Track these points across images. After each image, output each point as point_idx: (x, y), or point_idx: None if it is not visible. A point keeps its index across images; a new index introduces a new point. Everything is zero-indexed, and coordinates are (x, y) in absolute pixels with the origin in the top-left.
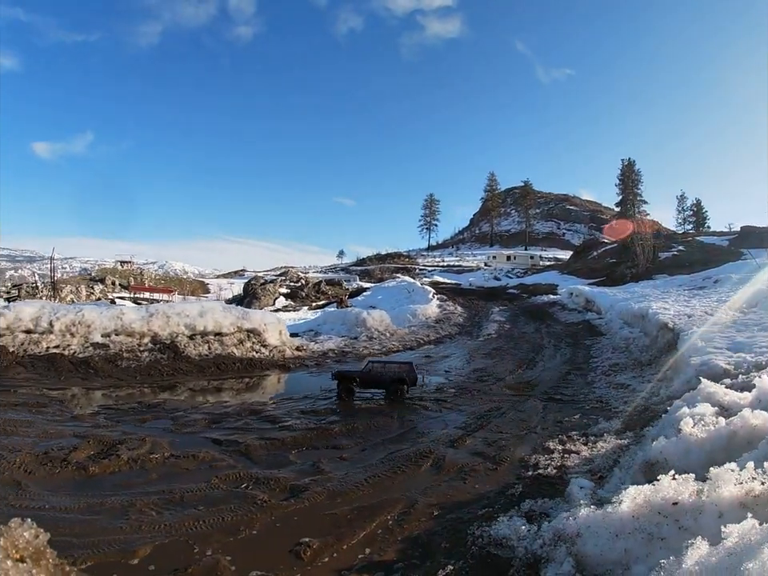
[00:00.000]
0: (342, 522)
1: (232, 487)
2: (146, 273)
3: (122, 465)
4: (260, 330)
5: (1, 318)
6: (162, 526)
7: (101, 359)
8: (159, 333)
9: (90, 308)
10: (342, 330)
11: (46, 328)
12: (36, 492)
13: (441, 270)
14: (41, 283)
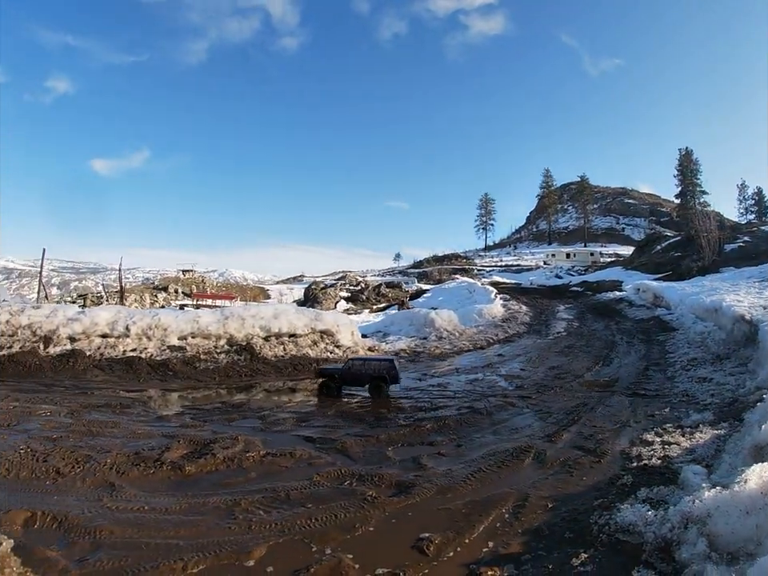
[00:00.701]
0: (458, 517)
1: (336, 484)
2: (208, 281)
3: (219, 464)
4: (333, 330)
5: (77, 324)
6: (273, 525)
7: (179, 361)
8: (235, 335)
9: (166, 312)
10: (410, 330)
11: (122, 332)
12: (132, 493)
13: (499, 270)
14: (105, 292)
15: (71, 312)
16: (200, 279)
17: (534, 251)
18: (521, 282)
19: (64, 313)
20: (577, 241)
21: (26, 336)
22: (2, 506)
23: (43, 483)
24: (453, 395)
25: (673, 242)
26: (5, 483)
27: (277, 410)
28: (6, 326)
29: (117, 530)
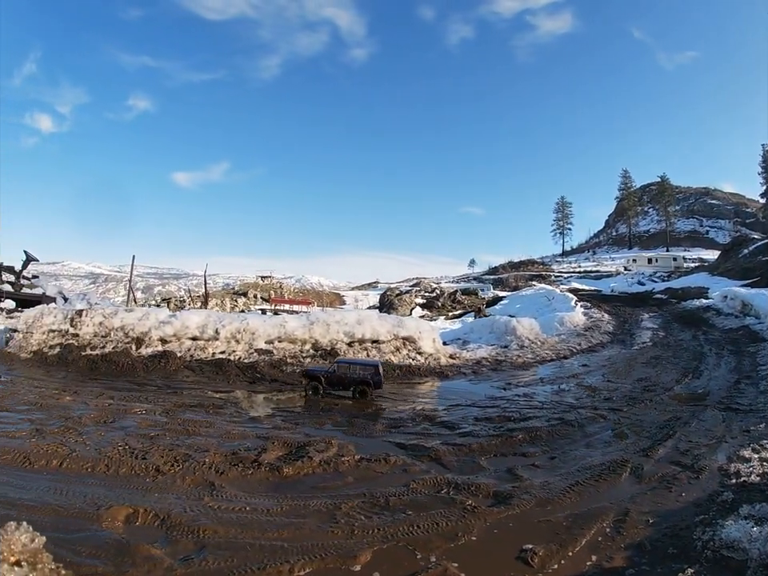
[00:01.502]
0: (560, 529)
1: (433, 492)
2: (285, 286)
3: (315, 467)
4: (415, 337)
5: (168, 326)
6: (376, 530)
7: (266, 364)
8: (320, 340)
9: (254, 317)
10: (490, 338)
11: (212, 335)
12: (232, 493)
13: (578, 277)
14: (189, 296)
15: (163, 315)
16: (278, 285)
17: (614, 256)
18: (601, 288)
19: (156, 316)
20: (658, 245)
21: (118, 337)
22: (104, 502)
23: (143, 480)
24: (540, 406)
25: (761, 245)
26: (105, 479)
27: (365, 416)
28: (100, 328)
29: (220, 529)
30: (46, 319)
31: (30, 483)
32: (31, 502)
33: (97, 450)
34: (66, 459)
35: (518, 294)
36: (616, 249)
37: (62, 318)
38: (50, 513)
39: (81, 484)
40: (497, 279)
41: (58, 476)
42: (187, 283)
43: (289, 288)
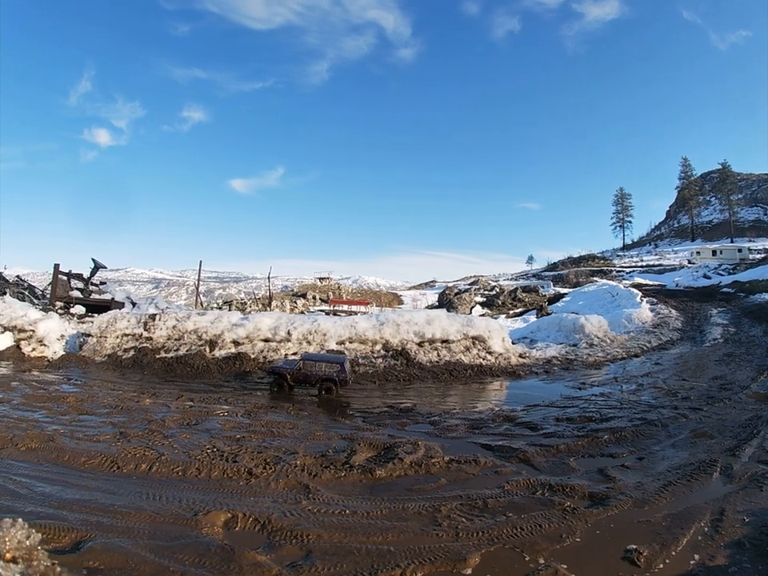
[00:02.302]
0: (660, 529)
1: (528, 493)
2: (343, 287)
3: (407, 468)
4: (485, 336)
5: (240, 329)
6: (480, 533)
7: None
8: (390, 340)
9: (324, 318)
10: (558, 336)
11: (284, 337)
12: (328, 496)
13: (640, 271)
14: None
15: (235, 318)
16: (336, 286)
17: (677, 249)
18: (665, 283)
19: (228, 319)
20: (722, 236)
21: (191, 340)
22: (200, 507)
23: (236, 484)
24: (619, 406)
25: None
26: (198, 483)
27: (446, 416)
28: (173, 331)
29: (324, 534)
30: (119, 324)
31: (120, 488)
32: (124, 507)
33: (185, 454)
34: (155, 463)
35: (579, 291)
36: (678, 241)
37: (136, 322)
38: (146, 519)
39: (173, 488)
40: (556, 276)
41: (148, 480)
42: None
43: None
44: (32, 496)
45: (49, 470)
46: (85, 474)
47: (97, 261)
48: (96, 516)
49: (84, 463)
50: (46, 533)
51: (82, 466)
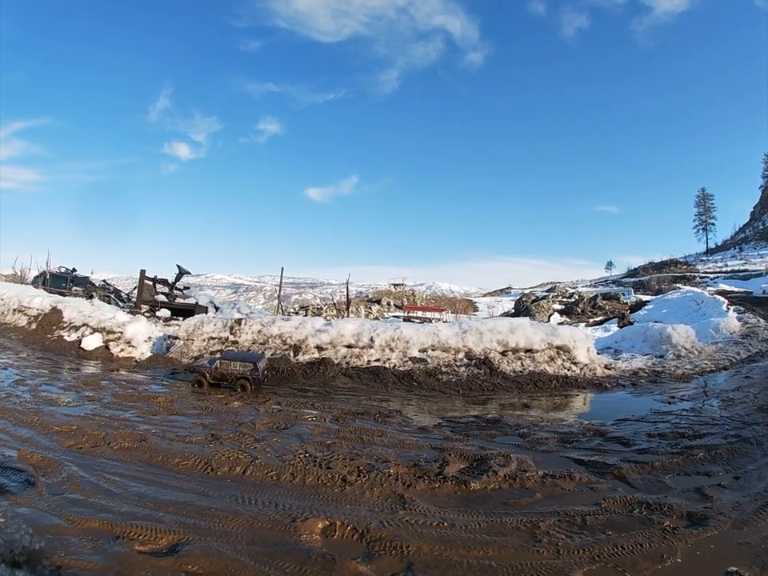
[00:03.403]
0: (759, 551)
1: (626, 511)
2: (417, 293)
3: (501, 481)
4: (570, 346)
5: (324, 334)
6: (581, 550)
7: (422, 373)
8: (473, 349)
9: (406, 325)
10: (643, 347)
11: (366, 343)
12: (424, 507)
13: (725, 277)
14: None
15: (318, 324)
16: (410, 292)
17: (762, 253)
18: (751, 290)
19: (312, 324)
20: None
21: (276, 344)
22: (298, 513)
23: (331, 491)
24: (712, 422)
25: None
26: (292, 489)
27: (534, 428)
28: (258, 335)
29: (424, 546)
30: (206, 327)
31: (215, 491)
32: (221, 511)
33: (279, 458)
34: (249, 467)
35: (662, 298)
36: (764, 244)
37: (222, 326)
38: (244, 524)
39: (268, 493)
40: (637, 282)
41: (242, 484)
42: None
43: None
44: (127, 495)
45: (142, 470)
46: (179, 476)
47: (181, 267)
48: (193, 519)
49: (178, 464)
50: (142, 534)
51: (175, 467)
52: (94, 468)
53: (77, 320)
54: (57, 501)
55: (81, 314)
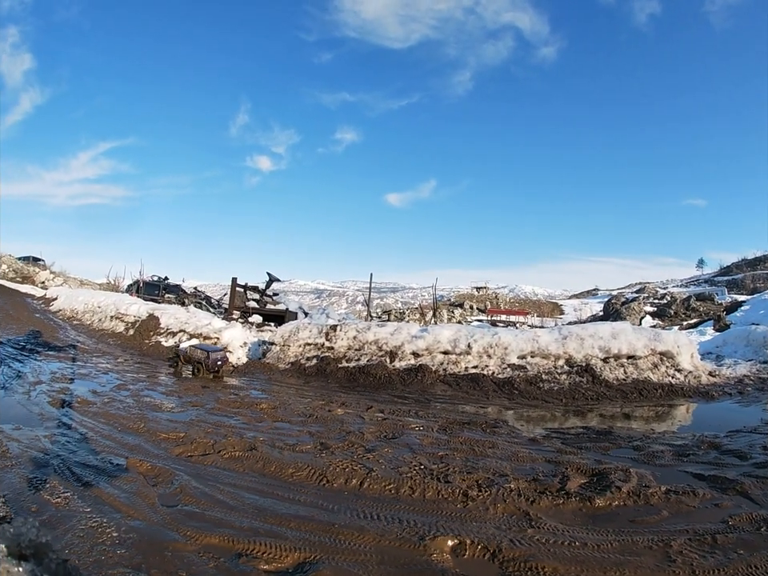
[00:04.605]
0: None
1: (754, 529)
2: (500, 296)
3: (624, 498)
4: (673, 352)
5: (420, 341)
6: (715, 571)
7: (521, 380)
8: (574, 355)
9: (504, 331)
10: (746, 352)
11: (464, 349)
12: (551, 525)
13: None
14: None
15: (414, 330)
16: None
17: None
18: None
19: (408, 330)
20: None
21: (372, 350)
22: (425, 530)
23: (453, 506)
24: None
25: None
26: (413, 503)
27: (647, 441)
28: (354, 341)
29: (560, 567)
30: (301, 333)
31: (334, 504)
32: (346, 527)
33: (394, 470)
34: (365, 479)
35: (759, 298)
36: None
37: (317, 332)
38: (371, 541)
39: (389, 508)
40: (730, 281)
41: (360, 498)
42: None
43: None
44: (244, 508)
45: (256, 481)
46: (293, 487)
47: (271, 274)
48: (316, 535)
49: (292, 475)
50: (265, 551)
51: (289, 478)
52: (207, 478)
53: (174, 326)
54: (171, 513)
55: (177, 320)
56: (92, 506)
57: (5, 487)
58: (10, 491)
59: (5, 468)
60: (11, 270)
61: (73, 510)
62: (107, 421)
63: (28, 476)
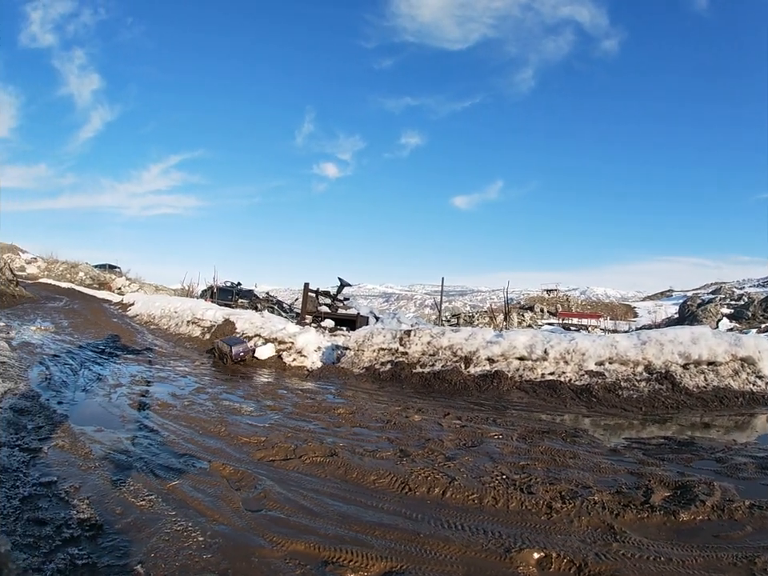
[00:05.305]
0: None
1: None
2: (571, 299)
3: (708, 512)
4: (755, 358)
5: (495, 346)
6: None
7: (600, 388)
8: (653, 361)
9: (582, 336)
10: None
11: (540, 355)
12: (636, 539)
13: None
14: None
15: (489, 335)
16: (564, 298)
17: None
18: None
19: (483, 336)
20: None
21: (446, 356)
22: (510, 542)
23: (537, 518)
24: None
25: None
26: (497, 514)
27: (730, 452)
28: (428, 347)
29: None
30: (375, 339)
31: (417, 513)
32: (430, 537)
33: (477, 480)
34: (448, 488)
35: None
36: None
37: (391, 337)
38: (456, 552)
39: (473, 518)
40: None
41: (443, 507)
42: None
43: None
44: (327, 515)
45: (338, 487)
46: (375, 494)
47: (342, 279)
48: (401, 544)
49: (374, 482)
50: (351, 559)
51: (371, 485)
52: (289, 483)
53: (249, 331)
54: (256, 518)
55: (252, 325)
56: (176, 509)
57: (89, 489)
58: (94, 493)
59: (88, 470)
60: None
61: (157, 512)
62: (188, 424)
63: (111, 478)
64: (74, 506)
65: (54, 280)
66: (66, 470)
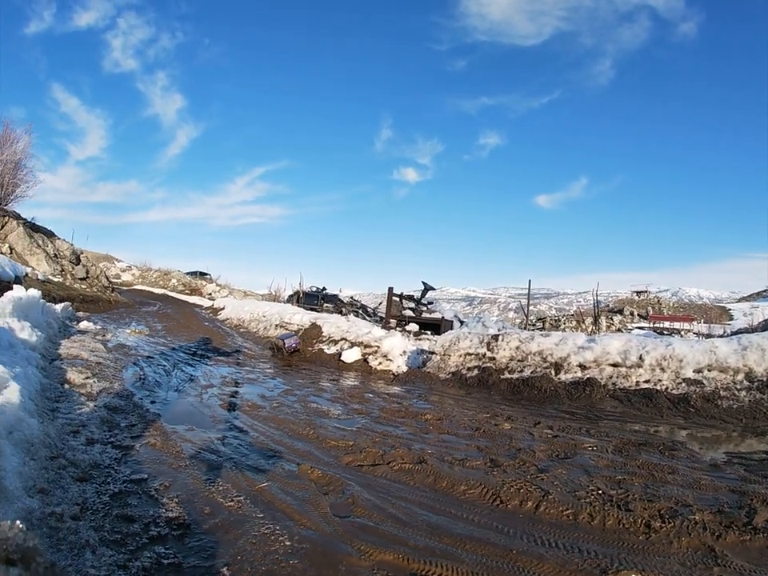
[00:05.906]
0: None
1: None
2: (663, 301)
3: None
4: None
5: (587, 352)
6: None
7: (698, 397)
8: (754, 368)
9: (679, 342)
10: None
11: (635, 362)
12: (738, 564)
13: None
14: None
15: (581, 340)
16: (655, 300)
17: None
18: None
19: (574, 341)
20: None
21: (535, 362)
22: (606, 563)
23: (635, 538)
24: None
25: None
26: (592, 532)
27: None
28: (516, 352)
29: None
30: (462, 343)
31: (508, 527)
32: (523, 554)
33: (571, 494)
34: (541, 502)
35: None
36: None
37: (478, 342)
38: (551, 571)
39: (567, 535)
40: None
41: (536, 522)
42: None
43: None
44: (416, 525)
45: (427, 496)
46: (466, 506)
47: (426, 283)
48: (493, 559)
49: (464, 492)
50: (441, 573)
51: (461, 496)
52: (378, 489)
53: (335, 334)
54: (343, 525)
55: (339, 329)
56: (264, 511)
57: (178, 488)
58: (183, 492)
59: (179, 468)
60: (180, 284)
61: (245, 514)
62: (277, 425)
63: (201, 477)
64: (162, 504)
65: (148, 286)
66: (156, 468)
